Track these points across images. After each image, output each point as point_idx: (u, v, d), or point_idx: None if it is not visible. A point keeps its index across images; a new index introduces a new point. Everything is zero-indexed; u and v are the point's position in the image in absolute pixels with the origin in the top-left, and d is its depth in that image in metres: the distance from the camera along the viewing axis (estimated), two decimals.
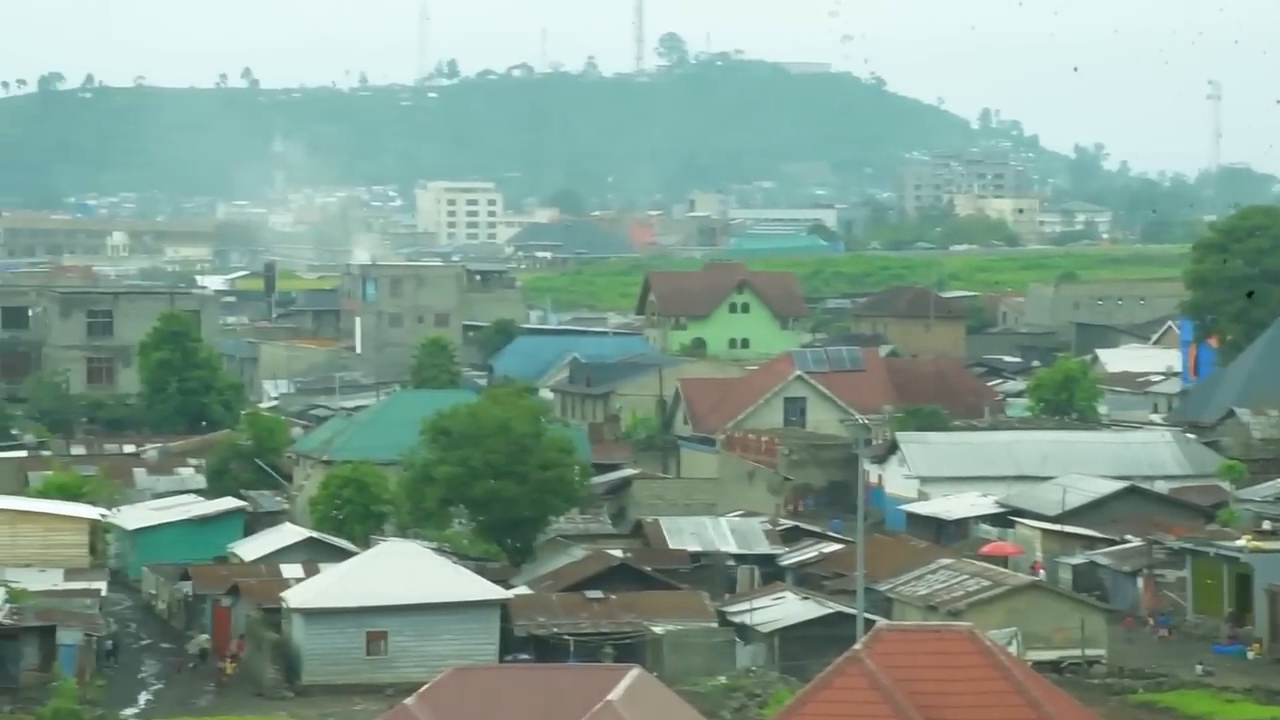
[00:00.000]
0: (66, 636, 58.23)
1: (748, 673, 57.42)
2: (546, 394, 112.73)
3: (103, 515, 75.21)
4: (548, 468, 70.69)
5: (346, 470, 77.17)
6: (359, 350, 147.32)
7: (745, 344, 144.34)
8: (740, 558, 71.12)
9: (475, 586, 61.28)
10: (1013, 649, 53.61)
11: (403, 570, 60.65)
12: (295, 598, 60.56)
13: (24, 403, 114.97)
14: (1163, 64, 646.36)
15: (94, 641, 59.43)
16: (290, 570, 66.01)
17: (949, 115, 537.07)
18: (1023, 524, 74.97)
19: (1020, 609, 59.47)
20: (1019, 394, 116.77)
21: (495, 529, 71.62)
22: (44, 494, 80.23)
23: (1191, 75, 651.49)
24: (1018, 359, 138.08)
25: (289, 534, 72.33)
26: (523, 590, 63.62)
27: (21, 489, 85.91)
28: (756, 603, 62.46)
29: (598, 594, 61.77)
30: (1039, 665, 51.77)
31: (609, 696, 33.17)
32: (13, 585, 62.75)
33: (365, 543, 69.87)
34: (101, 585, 66.63)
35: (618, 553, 68.00)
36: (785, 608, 61.26)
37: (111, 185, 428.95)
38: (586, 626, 59.91)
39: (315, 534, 71.77)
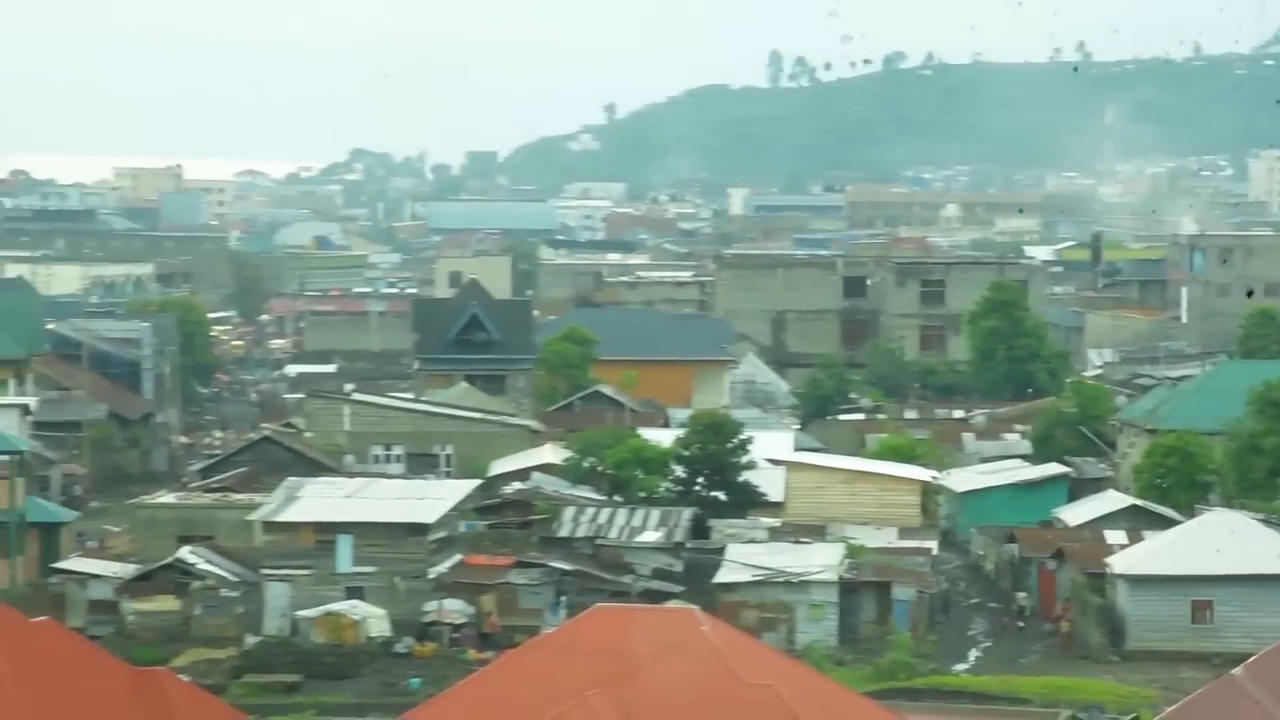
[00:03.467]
0: (901, 592, 61.22)
1: None
2: None
3: (933, 477, 78.30)
4: None
5: (1171, 439, 76.90)
6: (1184, 320, 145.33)
7: None
8: None
9: None
10: None
11: (1229, 540, 60.46)
12: (1120, 563, 61.42)
13: (862, 368, 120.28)
14: None
15: (926, 598, 62.18)
16: (1114, 536, 66.81)
17: None
18: None
19: None
20: None
21: None
22: (879, 455, 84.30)
23: None
24: None
25: (1112, 501, 73.10)
26: None
27: (859, 450, 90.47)
28: None
29: None
30: None
31: None
32: (852, 541, 66.55)
33: (1190, 512, 69.72)
34: (933, 544, 69.54)
35: None
36: None
37: (947, 159, 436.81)
38: None
39: (1139, 501, 72.22)
